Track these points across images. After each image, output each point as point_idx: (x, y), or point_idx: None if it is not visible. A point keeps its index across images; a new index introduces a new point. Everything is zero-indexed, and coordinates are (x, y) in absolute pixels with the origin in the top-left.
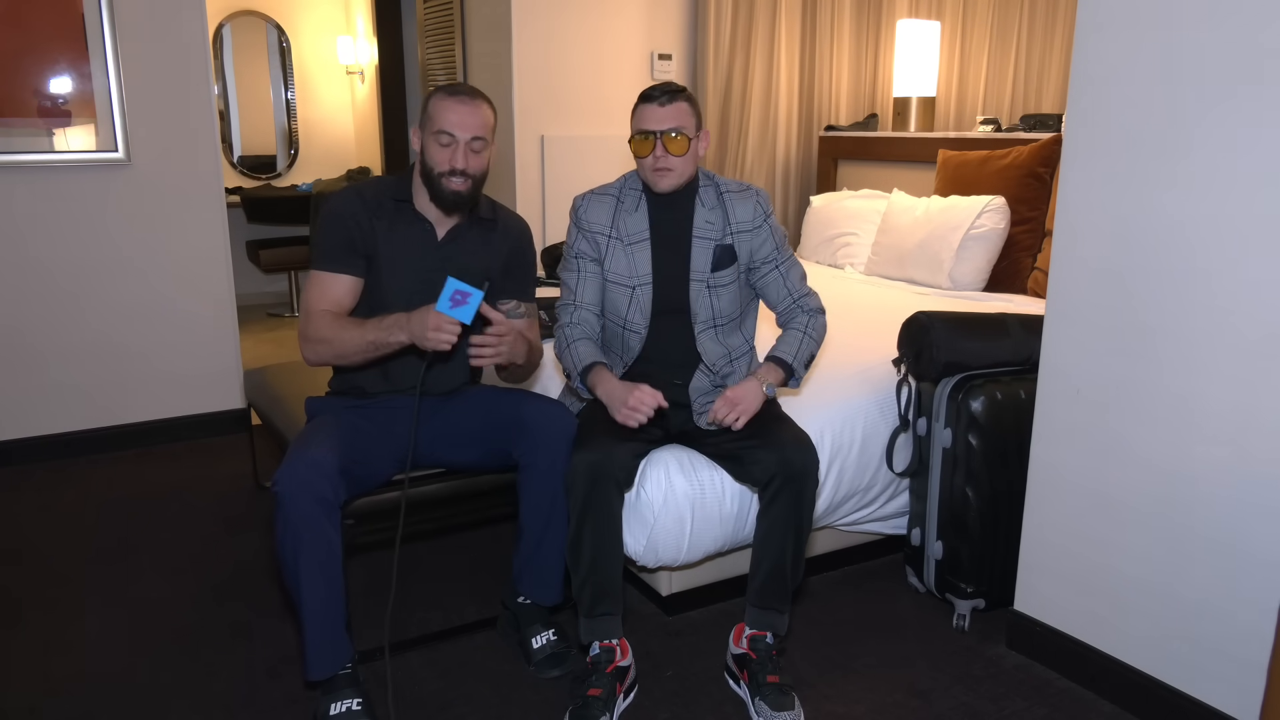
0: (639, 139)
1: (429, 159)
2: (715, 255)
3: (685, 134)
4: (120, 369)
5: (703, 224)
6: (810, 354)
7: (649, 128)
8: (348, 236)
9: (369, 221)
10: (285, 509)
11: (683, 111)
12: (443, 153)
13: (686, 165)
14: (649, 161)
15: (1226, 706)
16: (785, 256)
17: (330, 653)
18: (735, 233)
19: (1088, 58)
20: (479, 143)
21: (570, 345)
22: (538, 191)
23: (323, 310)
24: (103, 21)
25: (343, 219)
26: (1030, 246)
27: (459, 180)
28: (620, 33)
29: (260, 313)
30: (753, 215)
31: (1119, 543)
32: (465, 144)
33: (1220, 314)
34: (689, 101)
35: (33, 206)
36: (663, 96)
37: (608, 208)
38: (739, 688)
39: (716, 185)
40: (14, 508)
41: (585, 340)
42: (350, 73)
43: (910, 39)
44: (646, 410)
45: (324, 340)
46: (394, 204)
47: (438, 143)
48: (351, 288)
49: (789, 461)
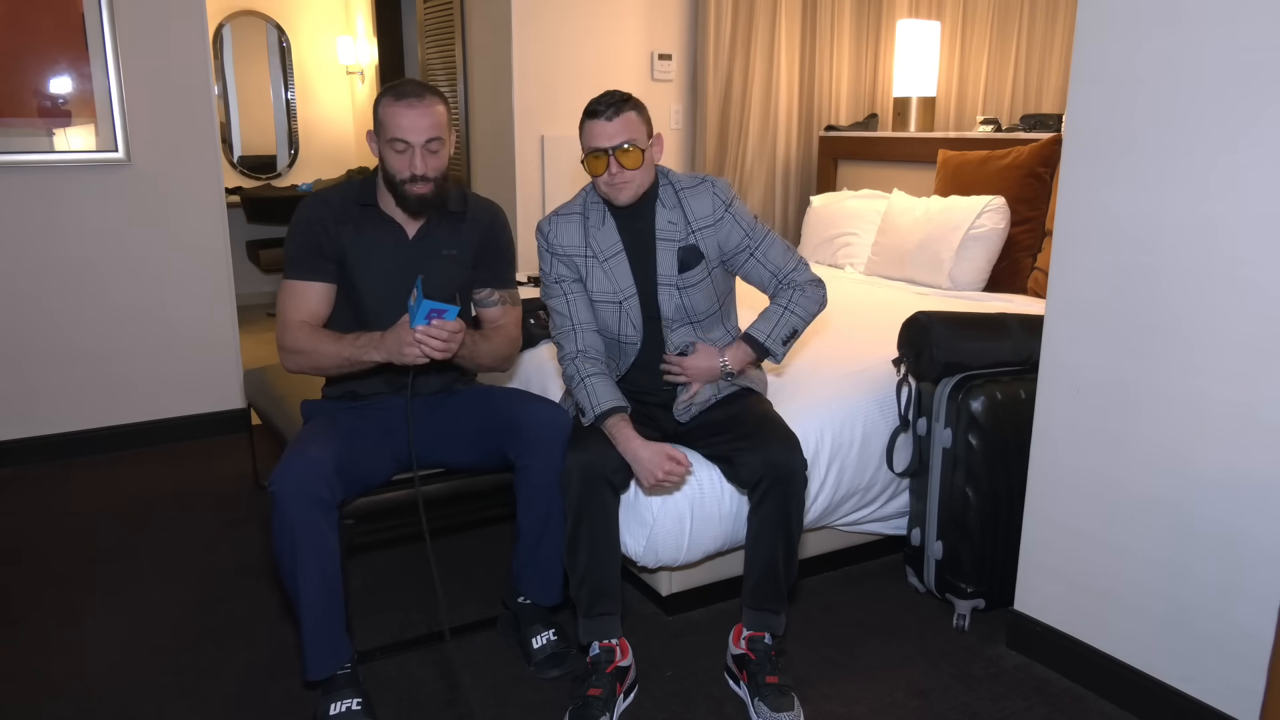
0: (591, 158)
1: (388, 167)
2: (680, 257)
3: (637, 145)
4: (120, 369)
5: (665, 225)
6: (792, 329)
7: (599, 145)
8: (315, 243)
9: (335, 226)
10: (282, 509)
11: (631, 122)
12: (400, 160)
13: (644, 175)
14: (604, 179)
15: (1226, 706)
16: (759, 239)
17: (329, 653)
18: (696, 230)
19: (1088, 58)
20: (435, 143)
21: (584, 381)
22: (538, 191)
23: (299, 321)
24: (103, 21)
25: (309, 225)
26: (1030, 246)
27: (421, 185)
28: (620, 33)
29: (260, 313)
30: (711, 208)
31: (1119, 543)
32: (421, 148)
33: (1220, 313)
34: (636, 109)
35: (33, 206)
36: (608, 110)
37: (576, 227)
38: (739, 688)
39: (673, 184)
40: (14, 508)
41: (599, 376)
42: (350, 73)
43: (910, 39)
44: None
45: (301, 352)
46: (359, 208)
47: (393, 150)
48: (324, 294)
49: (775, 463)
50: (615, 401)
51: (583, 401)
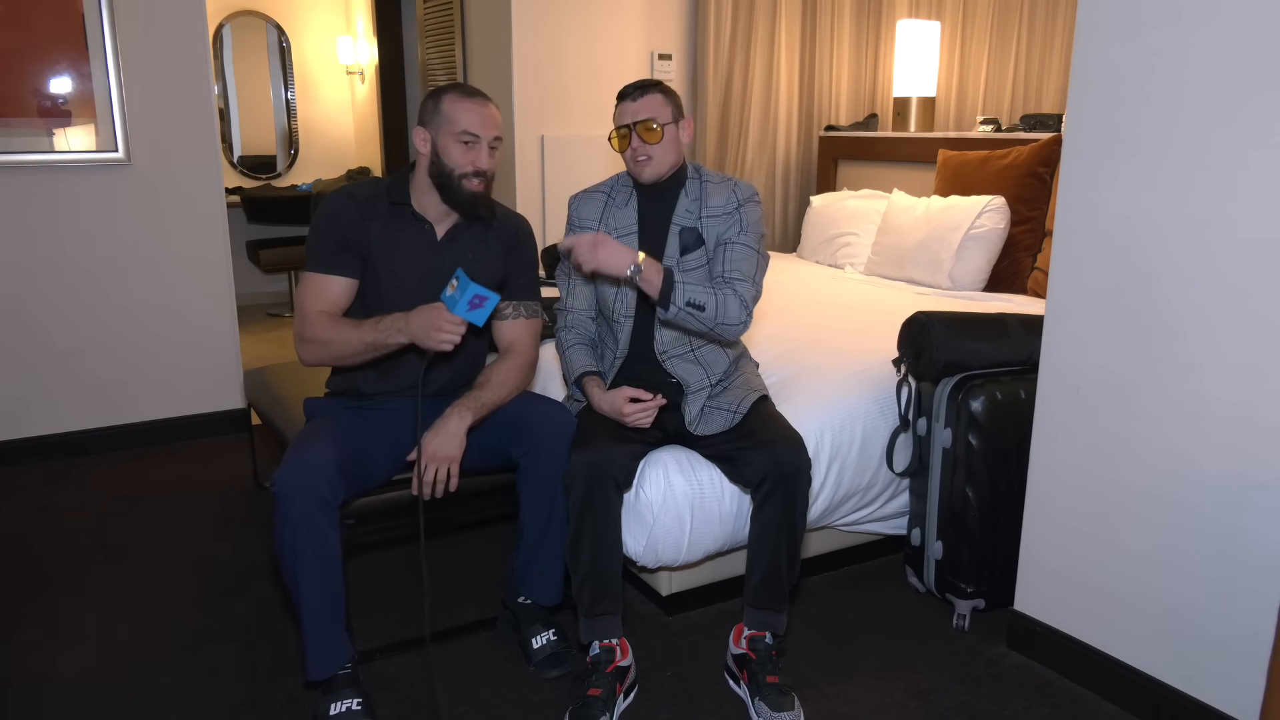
0: (617, 135)
1: (449, 160)
2: (683, 239)
3: (659, 122)
4: (120, 369)
5: (682, 213)
6: (699, 302)
7: (623, 121)
8: (341, 237)
9: (362, 222)
10: (284, 509)
11: (655, 103)
12: (466, 153)
13: (665, 153)
14: (628, 155)
15: (1226, 706)
16: (745, 241)
17: (330, 653)
18: (705, 217)
19: (1088, 58)
20: (497, 142)
21: (566, 350)
22: (538, 191)
23: (318, 311)
24: (103, 21)
25: (336, 220)
26: (1030, 246)
27: (478, 180)
28: (620, 33)
29: (260, 313)
30: (725, 201)
31: (1119, 543)
32: (487, 144)
33: (1220, 313)
34: (664, 93)
35: (33, 206)
36: (635, 91)
37: (598, 204)
38: (739, 688)
39: (702, 177)
40: (14, 508)
41: (579, 346)
42: (350, 73)
43: (910, 39)
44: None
45: (321, 342)
46: (389, 205)
47: (459, 143)
48: (346, 289)
49: (779, 462)
50: (588, 366)
51: (564, 369)
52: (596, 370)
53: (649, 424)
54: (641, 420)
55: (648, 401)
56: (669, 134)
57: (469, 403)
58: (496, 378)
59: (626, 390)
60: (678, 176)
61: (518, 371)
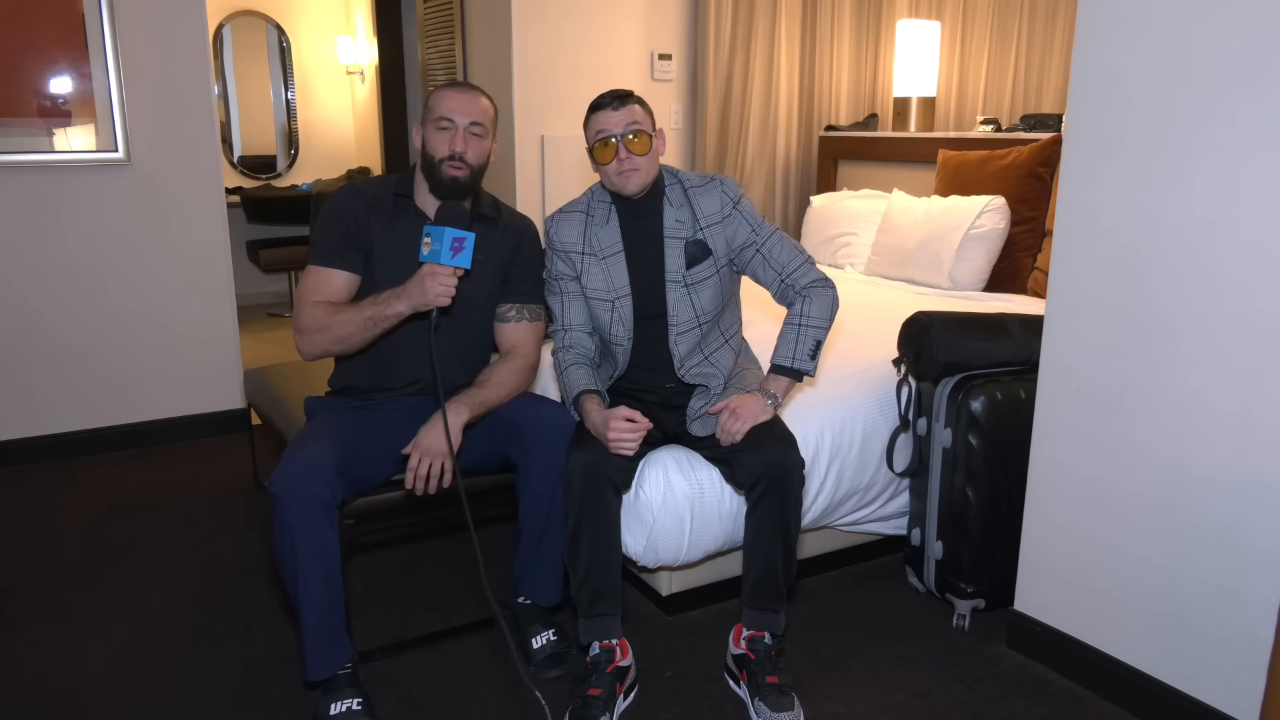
0: (599, 146)
1: (429, 147)
2: (688, 252)
3: (645, 131)
4: (120, 369)
5: (673, 224)
6: (814, 341)
7: (608, 130)
8: (345, 232)
9: (367, 217)
10: (282, 509)
11: (637, 112)
12: (441, 137)
13: (651, 164)
14: (614, 166)
15: (1226, 706)
16: (765, 236)
17: (330, 653)
18: (705, 226)
19: (1088, 58)
20: (478, 128)
21: (564, 371)
22: (538, 191)
23: (317, 302)
24: (103, 21)
25: (341, 215)
26: (1030, 246)
27: (457, 166)
28: (620, 33)
29: (260, 313)
30: (719, 205)
31: (1119, 542)
32: (464, 129)
33: (1220, 313)
34: (640, 103)
35: (33, 206)
36: (614, 102)
37: (577, 225)
38: (739, 688)
39: (681, 183)
40: (14, 508)
41: (578, 365)
42: (350, 73)
43: (910, 39)
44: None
45: (320, 328)
46: (394, 199)
47: (436, 128)
48: (348, 284)
49: (772, 463)
50: (585, 385)
51: (562, 390)
52: (595, 389)
53: (631, 452)
54: (624, 447)
55: (637, 424)
56: (652, 144)
57: (466, 399)
58: (496, 378)
59: (623, 410)
60: (656, 186)
61: (518, 373)
